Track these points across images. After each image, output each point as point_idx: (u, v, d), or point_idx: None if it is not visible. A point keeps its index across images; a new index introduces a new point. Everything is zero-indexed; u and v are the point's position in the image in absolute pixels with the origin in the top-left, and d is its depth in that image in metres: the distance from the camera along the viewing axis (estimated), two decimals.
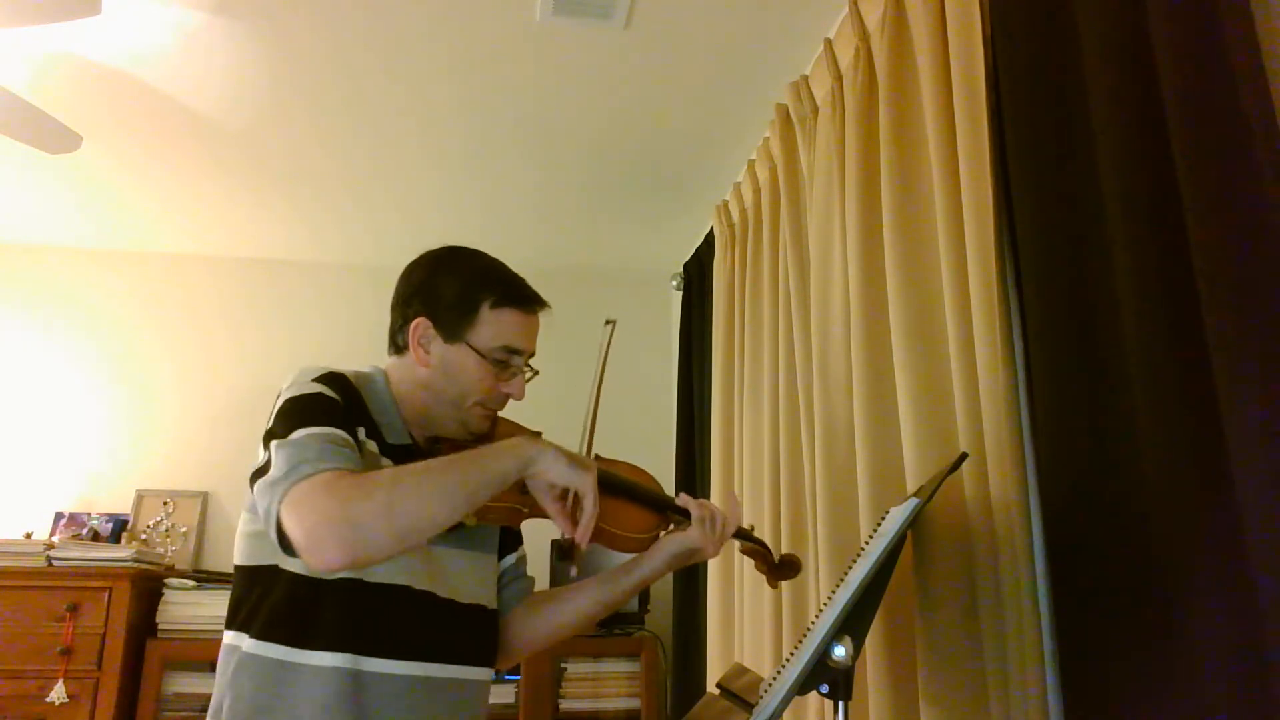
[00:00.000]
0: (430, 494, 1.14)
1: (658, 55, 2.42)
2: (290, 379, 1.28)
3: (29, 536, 3.17)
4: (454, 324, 1.34)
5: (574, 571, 1.50)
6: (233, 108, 2.69)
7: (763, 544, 1.55)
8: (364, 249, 3.69)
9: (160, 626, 2.97)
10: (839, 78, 2.12)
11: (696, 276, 3.49)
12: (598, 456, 1.43)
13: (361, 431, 1.28)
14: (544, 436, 1.42)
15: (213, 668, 1.28)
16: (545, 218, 3.42)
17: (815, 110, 2.28)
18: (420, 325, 1.35)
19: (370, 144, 2.90)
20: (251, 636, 1.23)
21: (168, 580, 3.04)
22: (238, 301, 3.75)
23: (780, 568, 1.56)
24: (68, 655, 2.80)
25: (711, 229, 3.22)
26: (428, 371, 1.35)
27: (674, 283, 3.76)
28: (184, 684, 2.93)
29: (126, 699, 2.85)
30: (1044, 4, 1.45)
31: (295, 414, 1.21)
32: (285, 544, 1.13)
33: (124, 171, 3.09)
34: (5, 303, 3.61)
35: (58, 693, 2.75)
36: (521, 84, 2.55)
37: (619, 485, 1.41)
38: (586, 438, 1.40)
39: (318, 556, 1.09)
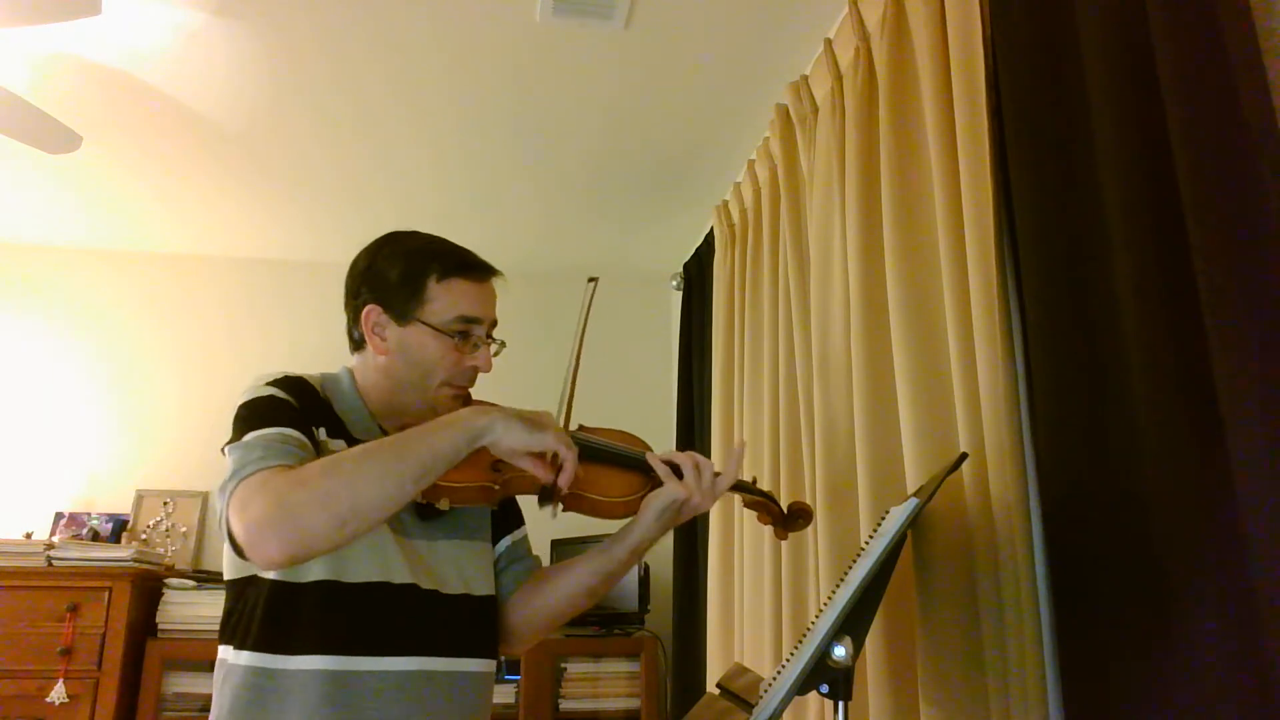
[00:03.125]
0: (370, 477, 1.10)
1: (658, 55, 2.42)
2: (247, 385, 1.29)
3: (29, 536, 3.17)
4: (404, 304, 1.33)
5: (554, 514, 1.35)
6: (232, 108, 2.69)
7: (766, 495, 1.49)
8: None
9: (160, 626, 2.97)
10: (839, 78, 2.12)
11: (696, 276, 3.48)
12: (582, 426, 1.41)
13: (323, 431, 1.27)
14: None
15: (212, 667, 1.29)
16: (545, 218, 3.42)
17: (815, 110, 2.28)
18: (372, 313, 1.34)
19: (369, 144, 2.90)
20: (236, 648, 1.23)
21: (168, 580, 3.04)
22: (238, 301, 3.75)
23: (789, 518, 1.51)
24: (68, 655, 2.80)
25: (711, 229, 3.22)
26: (387, 358, 1.34)
27: (674, 283, 3.76)
28: (184, 684, 2.93)
29: (126, 699, 2.85)
30: (1044, 4, 1.46)
31: (246, 418, 1.23)
32: (235, 546, 1.13)
33: (124, 171, 3.09)
34: (5, 303, 3.61)
35: (58, 693, 2.75)
36: (521, 84, 2.55)
37: (593, 450, 1.37)
38: (566, 401, 1.35)
39: (258, 552, 1.08)
